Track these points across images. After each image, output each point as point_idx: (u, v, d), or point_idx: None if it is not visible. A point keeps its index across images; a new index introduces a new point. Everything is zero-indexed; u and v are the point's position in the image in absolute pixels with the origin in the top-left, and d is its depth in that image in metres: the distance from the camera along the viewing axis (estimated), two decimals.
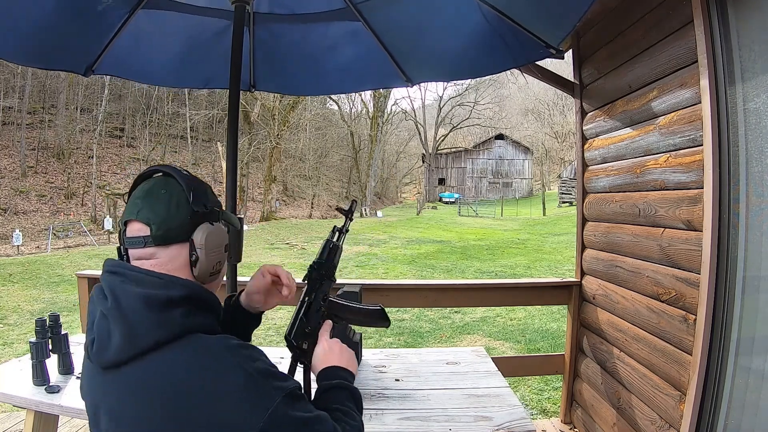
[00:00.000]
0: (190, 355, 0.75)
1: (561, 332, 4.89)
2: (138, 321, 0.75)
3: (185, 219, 0.83)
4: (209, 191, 0.89)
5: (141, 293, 0.77)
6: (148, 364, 0.75)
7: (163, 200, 0.82)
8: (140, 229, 0.82)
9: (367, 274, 9.23)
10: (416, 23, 2.00)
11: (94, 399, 0.81)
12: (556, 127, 43.96)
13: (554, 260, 10.75)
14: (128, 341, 0.74)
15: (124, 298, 0.77)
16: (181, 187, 0.84)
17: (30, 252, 15.12)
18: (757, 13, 1.44)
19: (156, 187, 0.84)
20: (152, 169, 0.89)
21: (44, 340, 1.63)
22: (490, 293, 2.92)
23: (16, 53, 1.83)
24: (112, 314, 0.76)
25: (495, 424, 1.41)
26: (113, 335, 0.75)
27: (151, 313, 0.76)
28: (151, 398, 0.73)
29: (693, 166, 1.67)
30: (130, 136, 29.06)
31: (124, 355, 0.75)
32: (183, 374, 0.73)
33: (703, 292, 1.58)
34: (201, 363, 0.75)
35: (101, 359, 0.77)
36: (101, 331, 0.77)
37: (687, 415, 1.62)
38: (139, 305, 0.76)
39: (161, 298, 0.77)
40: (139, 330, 0.75)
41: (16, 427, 2.67)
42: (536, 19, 1.76)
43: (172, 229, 0.82)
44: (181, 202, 0.83)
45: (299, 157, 35.04)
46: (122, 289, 0.78)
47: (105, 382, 0.78)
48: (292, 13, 2.05)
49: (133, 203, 0.84)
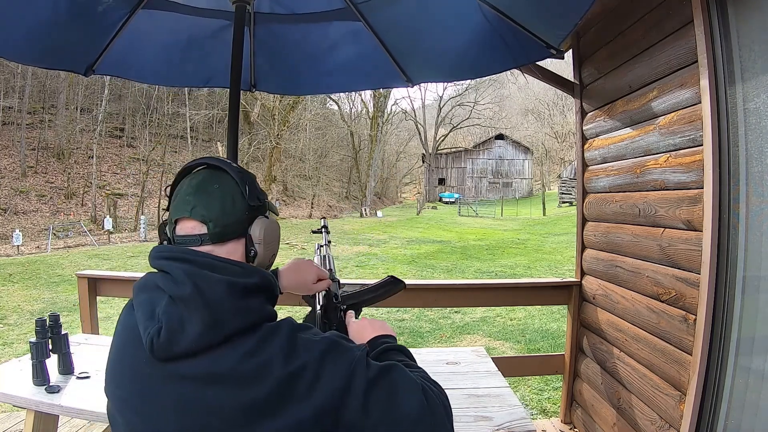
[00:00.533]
0: (271, 339, 0.74)
1: (561, 332, 4.89)
2: (222, 307, 0.72)
3: (242, 215, 0.81)
4: (257, 182, 0.87)
5: (223, 279, 0.74)
6: (228, 352, 0.72)
7: (217, 196, 0.80)
8: (194, 227, 0.79)
9: (367, 274, 9.22)
10: (416, 23, 2.00)
11: (140, 393, 0.75)
12: (556, 127, 43.96)
13: (554, 260, 10.75)
14: (211, 328, 0.71)
15: (206, 283, 0.73)
16: (234, 181, 0.82)
17: (30, 252, 15.12)
18: (757, 13, 1.44)
19: (207, 182, 0.81)
20: (197, 162, 0.86)
21: (44, 340, 1.63)
22: (490, 293, 2.92)
23: (16, 52, 1.83)
24: (193, 300, 0.72)
25: (495, 424, 1.41)
26: (190, 322, 0.71)
27: (233, 300, 0.74)
28: (239, 383, 0.71)
29: (693, 166, 1.67)
30: (130, 136, 29.06)
31: (202, 344, 0.71)
32: (267, 358, 0.72)
33: (703, 292, 1.58)
34: (280, 346, 0.74)
35: (170, 349, 0.72)
36: (171, 319, 0.72)
37: (687, 415, 1.62)
38: (222, 292, 0.73)
39: (242, 286, 0.75)
40: (222, 317, 0.72)
41: (16, 427, 2.67)
42: (536, 19, 1.76)
43: (229, 225, 0.80)
44: (236, 197, 0.81)
45: (299, 157, 35.03)
46: (202, 275, 0.74)
47: (164, 375, 0.73)
48: (293, 12, 2.05)
49: (183, 200, 0.80)
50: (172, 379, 0.73)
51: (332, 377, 0.73)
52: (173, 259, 0.77)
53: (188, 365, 0.73)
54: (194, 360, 0.72)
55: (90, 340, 2.12)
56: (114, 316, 6.15)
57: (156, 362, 0.74)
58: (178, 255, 0.77)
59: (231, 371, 0.72)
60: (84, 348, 1.96)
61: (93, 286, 2.81)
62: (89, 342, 2.07)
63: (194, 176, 0.83)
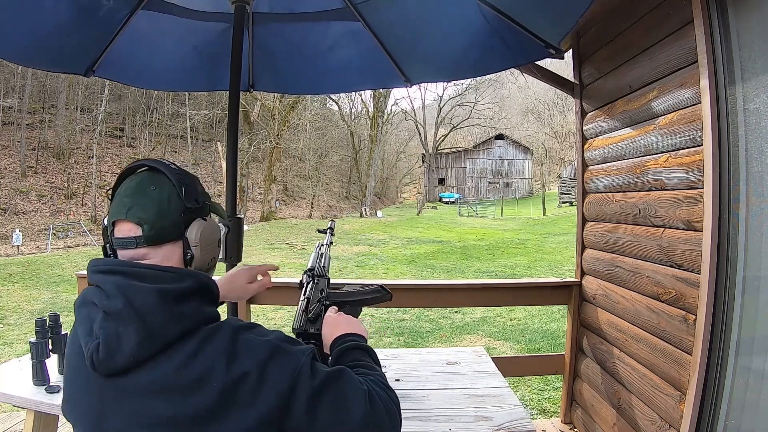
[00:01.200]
0: (209, 345, 0.73)
1: (561, 332, 4.89)
2: (154, 318, 0.71)
3: (178, 217, 0.80)
4: (198, 184, 0.86)
5: (154, 288, 0.73)
6: (168, 361, 0.71)
7: (154, 198, 0.79)
8: (130, 229, 0.78)
9: (367, 274, 9.22)
10: (415, 23, 2.00)
11: (99, 412, 0.74)
12: (556, 127, 43.97)
13: (554, 260, 10.75)
14: (146, 339, 0.71)
15: (137, 295, 0.72)
16: (171, 183, 0.81)
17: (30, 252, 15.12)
18: (757, 13, 1.44)
19: (144, 184, 0.80)
20: (137, 164, 0.84)
21: (44, 340, 1.63)
22: (490, 293, 2.92)
23: (17, 54, 1.83)
24: (124, 314, 0.71)
25: (495, 424, 1.41)
26: (126, 336, 0.70)
27: (166, 308, 0.72)
28: (182, 392, 0.70)
29: (693, 166, 1.67)
30: (130, 136, 29.07)
31: (141, 356, 0.71)
32: (208, 363, 0.72)
33: (703, 292, 1.57)
34: (222, 350, 0.73)
35: (110, 365, 0.71)
36: (108, 335, 0.71)
37: (687, 415, 1.62)
38: (154, 301, 0.72)
39: (175, 292, 0.74)
40: (156, 327, 0.71)
41: (16, 427, 2.67)
42: (536, 18, 1.76)
43: (164, 228, 0.79)
44: (172, 198, 0.80)
45: (299, 157, 35.04)
46: (132, 287, 0.73)
47: (114, 390, 0.73)
48: (292, 12, 2.05)
49: (120, 202, 0.79)
50: (119, 393, 0.73)
51: (276, 383, 0.73)
52: (105, 273, 0.76)
53: (132, 379, 0.72)
54: (137, 373, 0.72)
55: None
56: None
57: (101, 378, 0.73)
58: (109, 268, 0.76)
59: (173, 380, 0.71)
60: None
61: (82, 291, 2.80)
62: None
63: (133, 178, 0.82)
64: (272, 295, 2.83)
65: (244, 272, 1.18)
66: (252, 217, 24.94)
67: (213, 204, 0.89)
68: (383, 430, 0.78)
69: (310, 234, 16.63)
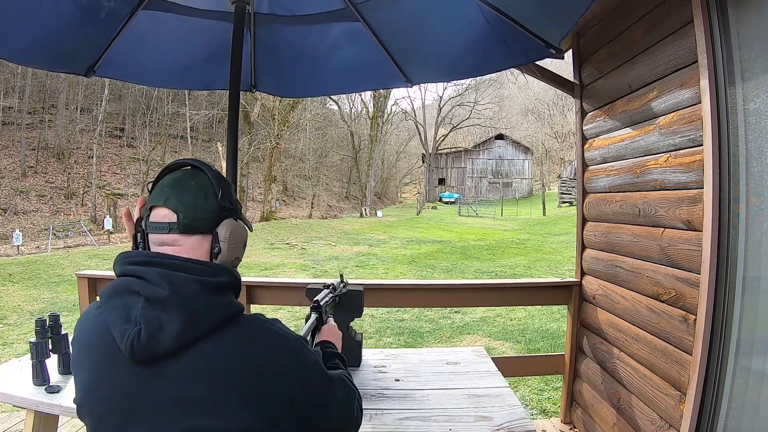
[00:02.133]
0: (247, 332, 0.81)
1: (561, 332, 4.89)
2: (198, 305, 0.77)
3: (212, 212, 0.86)
4: (233, 189, 0.93)
5: (195, 279, 0.79)
6: (209, 347, 0.77)
7: (192, 191, 0.85)
8: (166, 215, 0.83)
9: (367, 274, 9.22)
10: (416, 23, 2.00)
11: (128, 399, 0.77)
12: (556, 127, 43.96)
13: (554, 260, 10.75)
14: (191, 325, 0.76)
15: (181, 284, 0.77)
16: (211, 182, 0.87)
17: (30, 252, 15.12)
18: (757, 13, 1.44)
19: (186, 178, 0.87)
20: (181, 162, 0.91)
21: (44, 340, 1.63)
22: (490, 293, 2.92)
23: (18, 55, 1.83)
24: (170, 301, 0.76)
25: (495, 424, 1.41)
26: (170, 322, 0.75)
27: (206, 298, 0.79)
28: (222, 375, 0.76)
29: (693, 166, 1.67)
30: (130, 136, 29.07)
31: (183, 342, 0.75)
32: (247, 349, 0.79)
33: (703, 292, 1.57)
34: (259, 338, 0.82)
35: (152, 350, 0.74)
36: (150, 321, 0.75)
37: (687, 415, 1.62)
38: (197, 290, 0.78)
39: (213, 284, 0.81)
40: (199, 314, 0.77)
41: (16, 427, 2.67)
42: (535, 18, 1.76)
43: (198, 219, 0.84)
44: (209, 195, 0.86)
45: (299, 157, 35.05)
46: (177, 278, 0.78)
47: (148, 377, 0.76)
48: (292, 14, 2.05)
49: (160, 190, 0.85)
50: (154, 379, 0.76)
51: (306, 374, 0.85)
52: (144, 264, 0.80)
53: (171, 364, 0.76)
54: (176, 358, 0.76)
55: None
56: None
57: (136, 366, 0.76)
58: (148, 259, 0.81)
59: (213, 365, 0.76)
60: None
61: (93, 286, 2.81)
62: None
63: (176, 172, 0.89)
64: (272, 295, 2.83)
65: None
66: (252, 217, 24.91)
67: (242, 215, 0.95)
68: (356, 406, 0.98)
69: (310, 234, 16.64)
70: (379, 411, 1.49)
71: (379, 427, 1.40)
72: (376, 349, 2.09)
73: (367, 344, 4.68)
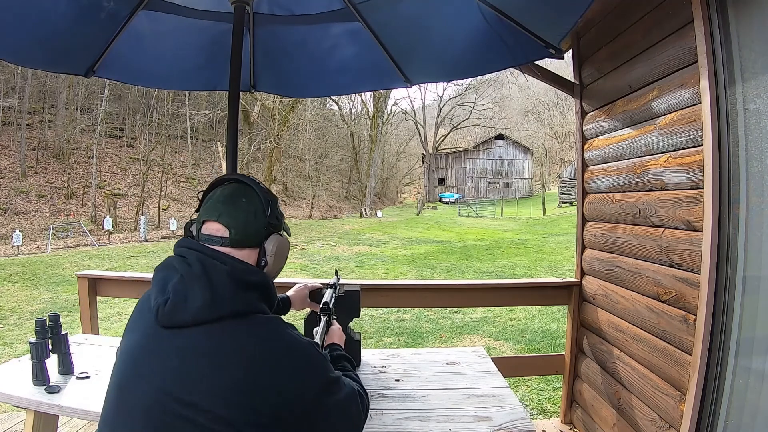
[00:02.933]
0: (259, 328, 0.87)
1: (561, 332, 4.89)
2: (222, 291, 0.85)
3: (261, 228, 0.95)
4: (278, 204, 1.01)
5: (227, 269, 0.88)
6: (222, 329, 0.84)
7: (243, 209, 0.94)
8: (218, 229, 0.93)
9: (367, 274, 9.22)
10: (415, 23, 2.00)
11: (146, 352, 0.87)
12: (556, 127, 43.95)
13: (554, 260, 10.75)
14: (210, 305, 0.84)
15: (213, 269, 0.87)
16: (260, 199, 0.96)
17: (30, 252, 15.11)
18: (757, 13, 1.44)
19: (237, 195, 0.96)
20: (230, 177, 1.00)
21: (44, 341, 1.63)
22: (490, 293, 2.92)
23: (17, 55, 1.83)
24: (199, 280, 0.85)
25: (495, 425, 1.41)
26: (193, 297, 0.84)
27: (232, 288, 0.87)
28: (223, 361, 0.83)
29: (693, 166, 1.67)
30: (130, 136, 29.05)
31: (199, 319, 0.84)
32: (255, 342, 0.85)
33: (703, 292, 1.57)
34: (269, 336, 0.87)
35: (172, 318, 0.84)
36: (178, 293, 0.85)
37: (687, 415, 1.62)
38: (225, 278, 0.87)
39: (242, 279, 0.89)
40: (219, 298, 0.85)
41: (16, 427, 2.67)
42: (535, 18, 1.76)
43: (248, 235, 0.94)
44: (258, 212, 0.95)
45: (299, 157, 35.02)
46: (210, 263, 0.88)
47: (164, 339, 0.86)
48: (292, 14, 2.05)
49: (213, 206, 0.95)
50: (169, 343, 0.85)
51: (313, 375, 0.90)
52: (191, 248, 0.92)
53: (185, 335, 0.84)
54: (190, 331, 0.84)
55: (90, 340, 2.12)
56: (114, 316, 6.15)
57: (159, 328, 0.87)
58: (195, 246, 0.92)
59: (217, 348, 0.83)
60: (84, 348, 1.95)
61: (93, 287, 2.81)
62: (89, 342, 2.06)
63: (226, 188, 0.98)
64: None
65: (305, 288, 1.60)
66: None
67: (285, 224, 1.05)
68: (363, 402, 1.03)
69: (310, 234, 16.63)
70: (379, 411, 1.49)
71: (379, 427, 1.40)
72: (376, 349, 2.09)
73: (367, 344, 4.68)
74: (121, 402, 0.87)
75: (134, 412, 0.84)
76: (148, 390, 0.83)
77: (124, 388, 0.87)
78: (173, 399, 0.81)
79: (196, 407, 0.80)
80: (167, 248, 13.57)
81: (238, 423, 0.81)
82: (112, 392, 0.90)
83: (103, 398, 0.91)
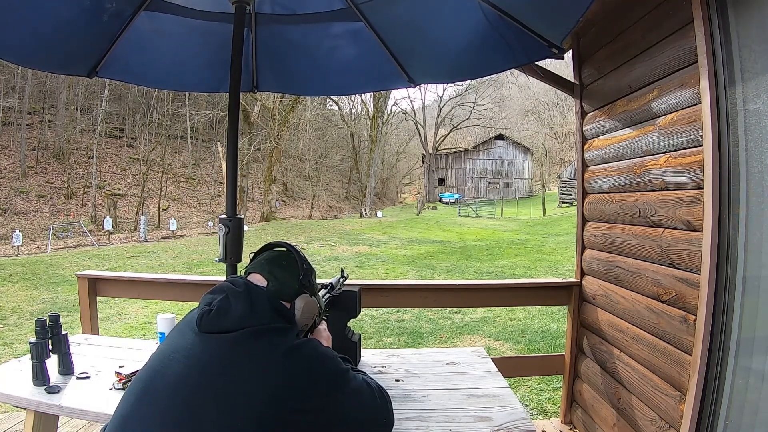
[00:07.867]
0: (294, 353, 1.00)
1: (561, 332, 4.89)
2: (260, 307, 1.02)
3: (294, 287, 1.13)
4: (314, 274, 1.20)
5: (267, 294, 1.07)
6: (251, 345, 0.97)
7: (282, 268, 1.14)
8: (259, 279, 1.11)
9: (367, 274, 9.22)
10: (418, 23, 2.00)
11: (179, 349, 1.00)
12: (556, 128, 43.93)
13: (554, 260, 10.75)
14: (247, 315, 0.99)
15: (256, 293, 1.05)
16: (297, 264, 1.16)
17: (30, 252, 15.11)
18: (757, 13, 1.44)
19: (280, 258, 1.17)
20: (278, 243, 1.22)
21: (44, 341, 1.62)
22: (490, 293, 2.92)
23: (18, 55, 1.83)
24: (242, 297, 1.02)
25: (495, 425, 1.41)
26: (237, 307, 1.00)
27: (270, 309, 1.04)
28: (249, 365, 0.95)
29: (693, 166, 1.67)
30: (130, 136, 29.06)
31: (238, 326, 0.98)
32: (282, 364, 0.97)
33: (703, 292, 1.58)
34: (301, 360, 1.00)
35: (215, 324, 0.99)
36: (222, 305, 1.01)
37: (687, 415, 1.62)
38: (265, 302, 1.05)
39: (278, 307, 1.07)
40: (257, 313, 1.01)
41: (16, 427, 2.67)
42: (537, 17, 1.76)
43: (282, 289, 1.11)
44: (294, 273, 1.14)
45: (299, 157, 35.04)
46: (254, 288, 1.07)
47: (201, 341, 0.98)
48: (294, 13, 2.05)
49: (260, 263, 1.15)
50: (205, 344, 0.98)
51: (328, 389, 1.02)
52: (239, 279, 1.10)
53: (223, 337, 0.97)
54: (227, 335, 0.97)
55: (90, 340, 2.12)
56: (114, 316, 6.15)
57: (198, 333, 0.99)
58: (243, 279, 1.11)
59: (250, 354, 0.97)
60: (84, 348, 1.95)
61: (93, 287, 2.81)
62: (89, 342, 2.06)
63: (273, 251, 1.20)
64: None
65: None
66: (252, 218, 24.93)
67: (318, 294, 1.23)
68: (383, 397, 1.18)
69: (310, 234, 16.64)
70: None
71: None
72: (375, 350, 2.09)
73: (367, 344, 4.68)
74: (144, 393, 0.97)
75: (159, 401, 0.94)
76: (173, 382, 0.95)
77: (150, 384, 0.98)
78: (193, 392, 0.92)
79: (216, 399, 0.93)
80: (167, 248, 13.57)
81: (255, 411, 0.91)
82: (136, 384, 1.00)
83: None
